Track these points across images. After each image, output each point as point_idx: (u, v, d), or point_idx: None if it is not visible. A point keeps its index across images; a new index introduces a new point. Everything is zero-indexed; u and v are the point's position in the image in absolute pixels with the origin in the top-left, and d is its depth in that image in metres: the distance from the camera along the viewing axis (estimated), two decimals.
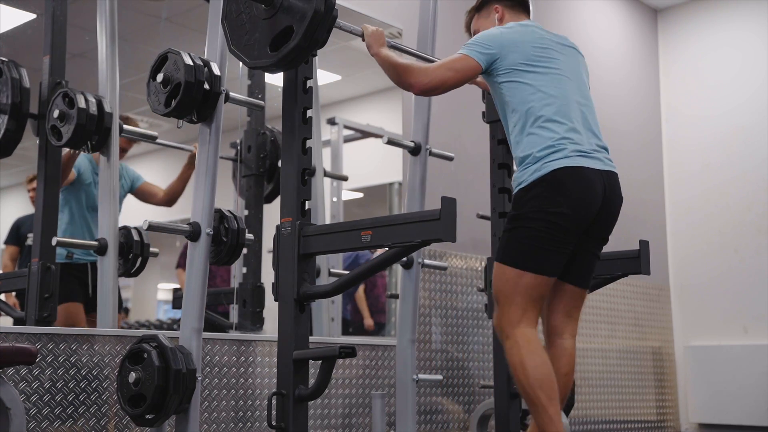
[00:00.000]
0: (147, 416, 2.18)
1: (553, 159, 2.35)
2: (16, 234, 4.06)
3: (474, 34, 2.83)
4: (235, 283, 3.45)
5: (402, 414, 2.82)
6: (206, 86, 2.29)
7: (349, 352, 2.05)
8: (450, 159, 3.17)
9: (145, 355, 2.17)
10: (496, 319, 2.44)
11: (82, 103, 2.65)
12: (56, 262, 2.74)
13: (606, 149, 2.50)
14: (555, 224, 2.31)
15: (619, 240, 4.23)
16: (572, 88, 2.52)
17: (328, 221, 3.94)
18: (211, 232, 2.33)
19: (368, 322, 4.75)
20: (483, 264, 3.86)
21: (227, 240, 2.74)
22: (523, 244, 2.33)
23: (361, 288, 4.70)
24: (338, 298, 3.78)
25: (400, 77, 2.45)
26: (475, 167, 4.05)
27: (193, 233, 2.31)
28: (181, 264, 4.64)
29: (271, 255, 2.30)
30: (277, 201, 2.78)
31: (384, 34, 2.48)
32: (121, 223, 2.94)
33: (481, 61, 2.51)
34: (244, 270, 3.35)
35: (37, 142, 2.83)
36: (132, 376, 2.17)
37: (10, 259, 3.95)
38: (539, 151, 2.37)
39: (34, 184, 3.91)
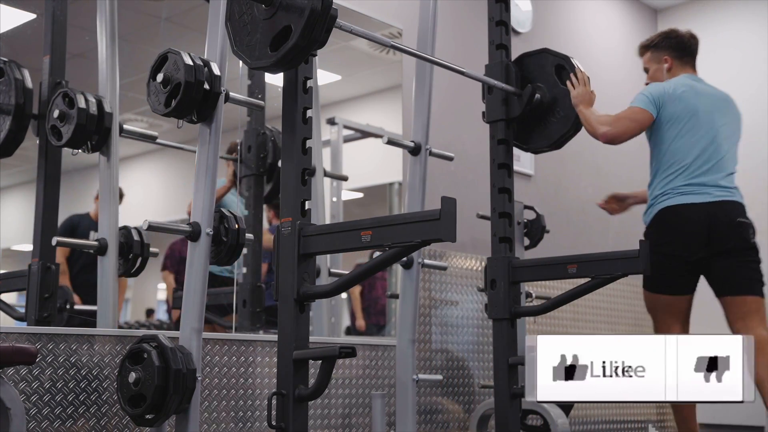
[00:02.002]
0: (147, 416, 2.18)
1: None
2: (71, 234, 4.09)
3: (645, 67, 3.56)
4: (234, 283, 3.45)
5: (402, 414, 2.82)
6: (206, 86, 2.29)
7: (349, 352, 2.05)
8: (450, 159, 3.17)
9: (145, 355, 2.17)
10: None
11: (82, 103, 2.65)
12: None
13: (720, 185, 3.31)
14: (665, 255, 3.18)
15: (620, 240, 4.23)
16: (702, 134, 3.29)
17: (328, 221, 3.94)
18: (211, 232, 2.34)
19: (360, 323, 4.76)
20: (483, 264, 3.86)
21: (227, 240, 2.74)
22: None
23: (357, 289, 4.71)
24: (338, 299, 3.78)
25: (592, 129, 3.07)
26: (475, 167, 4.06)
27: (193, 233, 2.31)
28: (167, 266, 4.64)
29: None
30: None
31: (593, 97, 3.05)
32: (121, 223, 2.94)
33: (653, 112, 3.24)
34: (244, 270, 3.35)
35: (37, 142, 2.83)
36: (132, 376, 2.17)
37: (63, 257, 3.96)
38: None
39: None
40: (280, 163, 3.10)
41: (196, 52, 2.34)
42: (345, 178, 4.12)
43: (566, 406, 3.63)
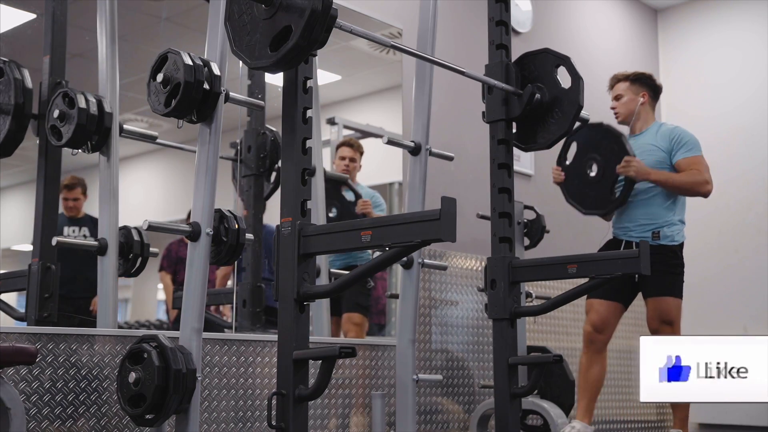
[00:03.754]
0: (147, 416, 2.18)
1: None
2: None
3: (615, 95, 3.88)
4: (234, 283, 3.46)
5: (402, 414, 2.82)
6: (206, 86, 2.29)
7: (349, 352, 2.05)
8: (450, 159, 3.17)
9: (145, 355, 2.17)
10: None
11: (82, 103, 2.65)
12: None
13: None
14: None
15: None
16: None
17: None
18: (211, 232, 2.33)
19: None
20: (483, 264, 3.86)
21: (227, 240, 2.74)
22: None
23: None
24: None
25: (695, 191, 3.70)
26: (475, 167, 4.06)
27: (193, 233, 2.31)
28: (164, 266, 4.65)
29: None
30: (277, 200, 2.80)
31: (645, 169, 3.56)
32: (121, 223, 2.94)
33: None
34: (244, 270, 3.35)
35: (37, 142, 2.83)
36: (132, 376, 2.17)
37: None
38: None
39: (74, 194, 4.04)
40: (280, 163, 3.10)
41: (196, 52, 2.34)
42: (345, 179, 4.12)
43: (567, 406, 3.64)
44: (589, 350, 3.66)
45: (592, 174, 3.70)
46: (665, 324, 3.59)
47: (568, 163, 3.80)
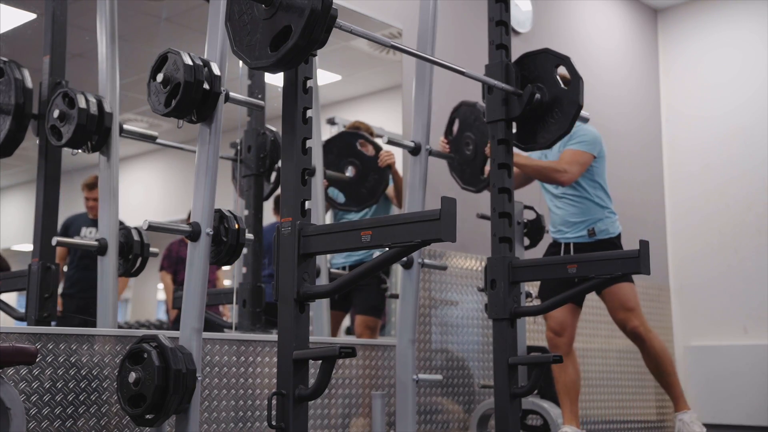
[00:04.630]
0: (147, 416, 2.18)
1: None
2: (65, 234, 4.09)
3: None
4: (234, 283, 3.45)
5: (402, 414, 2.82)
6: (206, 86, 2.29)
7: (349, 352, 2.05)
8: (451, 159, 3.17)
9: (145, 355, 2.17)
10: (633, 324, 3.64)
11: (82, 103, 2.65)
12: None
13: None
14: None
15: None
16: None
17: (328, 221, 3.94)
18: (211, 232, 2.34)
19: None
20: (483, 264, 3.86)
21: (227, 240, 2.74)
22: None
23: None
24: None
25: (549, 177, 3.60)
26: None
27: (193, 233, 2.31)
28: (165, 266, 4.65)
29: None
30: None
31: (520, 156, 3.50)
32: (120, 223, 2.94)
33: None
34: (244, 270, 3.35)
35: (37, 142, 2.83)
36: (132, 376, 2.17)
37: (60, 259, 3.98)
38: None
39: (94, 194, 4.03)
40: (280, 163, 3.10)
41: (196, 52, 2.34)
42: (346, 179, 4.11)
43: None
44: None
45: (468, 152, 3.72)
46: (628, 311, 3.64)
47: (452, 137, 3.83)
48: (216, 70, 2.33)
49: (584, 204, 3.74)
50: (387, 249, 2.04)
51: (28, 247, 2.82)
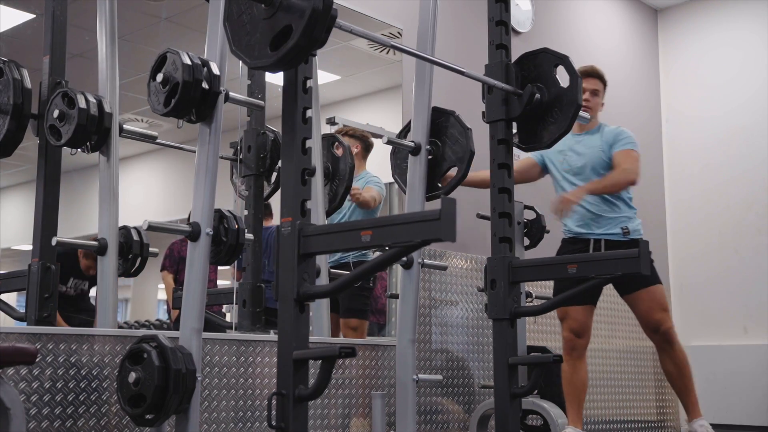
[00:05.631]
0: (147, 416, 2.18)
1: None
2: None
3: (594, 89, 3.85)
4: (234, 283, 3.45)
5: (402, 414, 2.82)
6: (205, 85, 2.29)
7: (349, 352, 2.04)
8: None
9: (145, 355, 2.17)
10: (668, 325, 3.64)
11: (82, 103, 2.65)
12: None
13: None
14: None
15: None
16: None
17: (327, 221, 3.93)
18: (211, 232, 2.33)
19: None
20: (483, 264, 3.85)
21: (227, 240, 2.74)
22: None
23: None
24: None
25: (623, 184, 3.66)
26: (475, 167, 4.05)
27: (193, 233, 2.31)
28: (166, 266, 4.64)
29: None
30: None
31: (568, 201, 3.50)
32: (121, 223, 2.94)
33: None
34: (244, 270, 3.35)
35: (37, 142, 2.82)
36: (132, 376, 2.17)
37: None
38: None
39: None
40: (280, 163, 3.09)
41: (196, 52, 2.34)
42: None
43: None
44: (572, 357, 3.64)
45: (429, 157, 3.29)
46: (664, 311, 3.65)
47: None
48: (215, 70, 2.33)
49: (617, 201, 3.73)
50: (387, 249, 2.04)
51: (28, 247, 2.82)
